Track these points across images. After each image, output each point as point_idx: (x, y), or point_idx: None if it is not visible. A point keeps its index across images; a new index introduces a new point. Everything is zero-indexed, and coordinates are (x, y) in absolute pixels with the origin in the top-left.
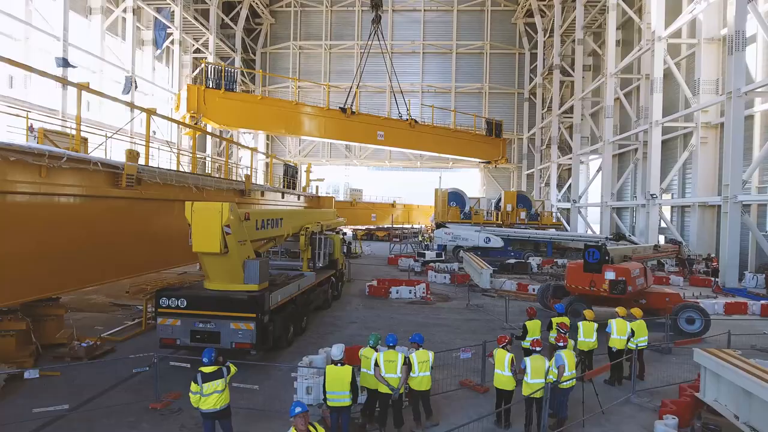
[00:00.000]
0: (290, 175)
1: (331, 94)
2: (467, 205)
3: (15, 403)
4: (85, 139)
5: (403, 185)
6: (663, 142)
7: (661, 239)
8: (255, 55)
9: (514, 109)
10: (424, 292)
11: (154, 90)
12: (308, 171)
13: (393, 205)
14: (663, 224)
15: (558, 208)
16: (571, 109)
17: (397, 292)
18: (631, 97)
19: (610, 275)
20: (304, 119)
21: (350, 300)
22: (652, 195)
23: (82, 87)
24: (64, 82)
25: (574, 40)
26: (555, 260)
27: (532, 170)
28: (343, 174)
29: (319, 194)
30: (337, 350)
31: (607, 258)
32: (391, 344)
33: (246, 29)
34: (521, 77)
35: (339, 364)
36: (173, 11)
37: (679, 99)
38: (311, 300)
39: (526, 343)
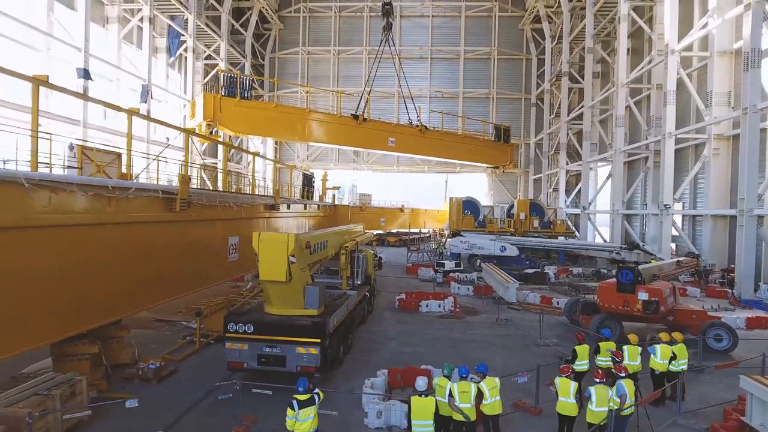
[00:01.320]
0: (307, 184)
1: (339, 98)
2: (481, 213)
3: (107, 427)
4: (119, 155)
5: (409, 187)
6: (674, 151)
7: (673, 247)
8: (264, 60)
9: (521, 114)
10: (452, 306)
11: (167, 97)
12: (324, 180)
13: (401, 209)
14: (674, 232)
15: (567, 214)
16: (579, 115)
17: (426, 306)
18: (642, 105)
19: (643, 296)
20: (317, 126)
21: (382, 314)
22: (665, 205)
23: (133, 112)
24: (117, 108)
25: (582, 48)
26: (570, 269)
27: (539, 175)
28: (350, 178)
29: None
30: (422, 382)
31: (639, 279)
32: (464, 375)
33: (255, 34)
34: (528, 82)
35: (423, 395)
36: (186, 19)
37: (690, 109)
38: (354, 318)
39: (577, 367)
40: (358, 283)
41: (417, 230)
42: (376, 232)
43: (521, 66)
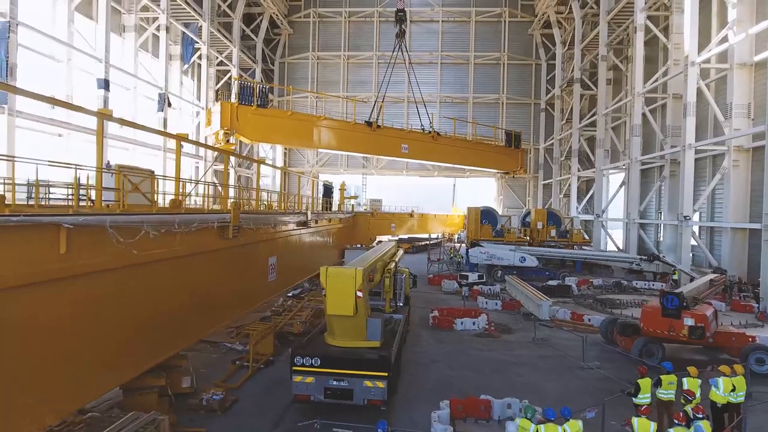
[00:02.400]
0: (327, 194)
1: (349, 103)
2: (499, 222)
3: None
4: (152, 172)
5: (415, 189)
6: None
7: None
8: (273, 65)
9: (530, 120)
10: (486, 324)
11: (181, 104)
12: (342, 189)
13: (411, 214)
14: (692, 242)
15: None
16: (591, 122)
17: (461, 324)
18: (656, 113)
19: (689, 321)
20: (331, 134)
21: (418, 332)
22: (685, 217)
23: (182, 138)
24: (167, 135)
25: (595, 55)
26: (591, 281)
27: (548, 181)
28: (357, 181)
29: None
30: (513, 428)
31: (684, 304)
32: (551, 418)
33: (265, 40)
34: (538, 88)
35: None
36: (200, 26)
37: (708, 119)
38: (401, 342)
39: (640, 400)
40: (400, 305)
41: (426, 235)
42: (387, 237)
43: (530, 71)
